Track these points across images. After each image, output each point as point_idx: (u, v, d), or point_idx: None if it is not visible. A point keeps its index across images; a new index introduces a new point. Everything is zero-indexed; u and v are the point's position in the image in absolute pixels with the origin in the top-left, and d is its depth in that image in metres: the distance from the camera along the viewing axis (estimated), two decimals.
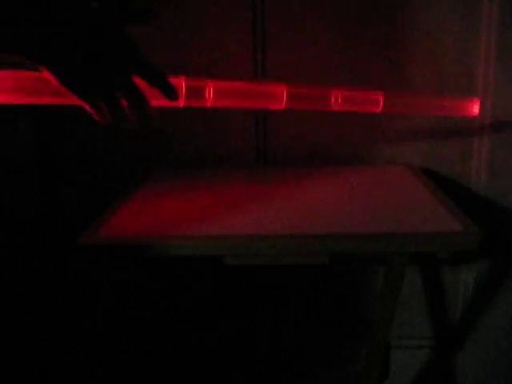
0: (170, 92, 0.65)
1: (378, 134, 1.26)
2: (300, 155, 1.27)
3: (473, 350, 1.41)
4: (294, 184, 1.13)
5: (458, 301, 1.37)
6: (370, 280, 1.34)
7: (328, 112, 1.23)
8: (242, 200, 1.03)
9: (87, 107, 0.61)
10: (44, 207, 1.26)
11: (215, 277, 1.33)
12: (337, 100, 0.85)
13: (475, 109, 1.04)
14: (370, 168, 1.23)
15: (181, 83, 0.71)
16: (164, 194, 1.09)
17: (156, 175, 1.22)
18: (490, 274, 1.34)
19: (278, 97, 0.79)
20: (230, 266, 0.87)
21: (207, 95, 0.73)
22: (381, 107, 0.91)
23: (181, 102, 0.72)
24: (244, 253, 0.85)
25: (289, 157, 1.27)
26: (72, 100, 0.60)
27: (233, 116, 1.24)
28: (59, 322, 1.28)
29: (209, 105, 0.74)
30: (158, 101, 0.66)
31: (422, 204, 0.98)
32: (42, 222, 1.25)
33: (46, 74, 0.58)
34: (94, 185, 1.27)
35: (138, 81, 0.63)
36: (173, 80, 0.67)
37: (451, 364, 1.42)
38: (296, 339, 1.39)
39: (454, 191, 1.10)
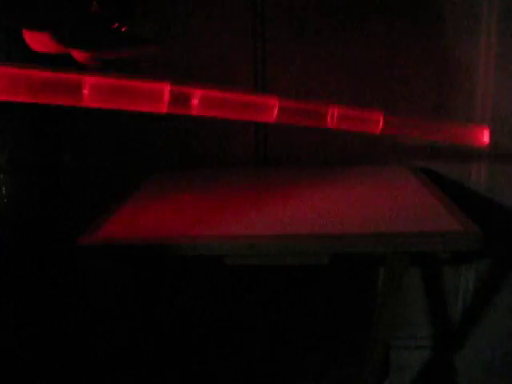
0: None
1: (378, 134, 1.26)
2: (300, 155, 1.27)
3: (473, 350, 1.41)
4: (293, 184, 1.13)
5: (458, 301, 1.37)
6: (370, 280, 1.34)
7: None
8: (241, 200, 1.03)
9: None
10: (43, 207, 1.26)
11: (215, 277, 1.33)
12: (333, 118, 0.81)
13: (485, 137, 0.94)
14: (370, 168, 1.23)
15: (165, 88, 0.67)
16: (164, 194, 1.09)
17: (156, 175, 1.22)
18: (490, 274, 1.34)
19: (269, 109, 0.74)
20: (230, 267, 0.87)
21: (193, 103, 0.69)
22: (380, 128, 0.86)
23: (163, 108, 0.68)
24: (244, 253, 0.85)
25: (289, 157, 1.27)
26: (46, 99, 0.60)
27: None
28: (59, 322, 1.28)
29: (194, 113, 0.70)
30: (140, 106, 0.65)
31: (422, 204, 0.98)
32: (41, 222, 1.25)
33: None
34: (94, 185, 1.27)
35: None
36: (157, 84, 0.65)
37: (451, 364, 1.42)
38: (296, 339, 1.39)
39: (454, 191, 1.11)
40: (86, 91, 0.62)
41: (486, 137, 0.94)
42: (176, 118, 1.26)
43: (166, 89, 0.67)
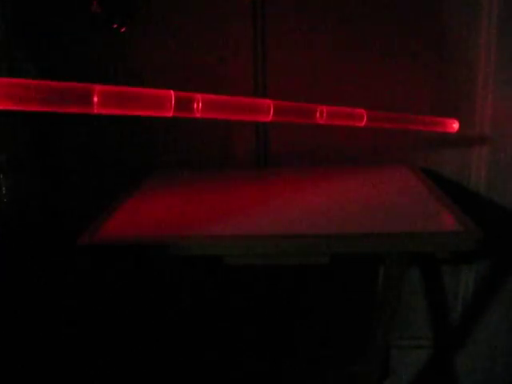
0: None
1: (378, 134, 1.26)
2: (300, 156, 1.27)
3: (473, 350, 1.41)
4: (294, 185, 1.13)
5: (458, 301, 1.37)
6: (370, 280, 1.34)
7: None
8: (242, 200, 1.03)
9: None
10: (44, 208, 1.26)
11: (215, 277, 1.33)
12: (322, 114, 0.91)
13: (455, 125, 1.12)
14: (370, 168, 1.23)
15: (170, 94, 0.74)
16: (164, 194, 1.09)
17: (156, 176, 1.22)
18: (489, 274, 1.34)
19: (266, 110, 0.84)
20: (230, 266, 0.87)
21: (196, 106, 0.76)
22: (364, 122, 0.97)
23: (170, 112, 0.74)
24: (244, 253, 0.85)
25: (289, 158, 1.27)
26: (59, 108, 0.61)
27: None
28: (60, 322, 1.28)
29: (198, 116, 0.77)
30: (148, 111, 0.69)
31: (423, 204, 0.98)
32: (42, 223, 1.25)
33: None
34: (94, 185, 1.27)
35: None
36: (163, 92, 0.69)
37: (451, 364, 1.42)
38: (296, 339, 1.39)
39: (454, 191, 1.10)
40: (95, 98, 0.66)
41: (455, 125, 1.12)
42: (176, 119, 1.26)
43: (172, 95, 0.73)
